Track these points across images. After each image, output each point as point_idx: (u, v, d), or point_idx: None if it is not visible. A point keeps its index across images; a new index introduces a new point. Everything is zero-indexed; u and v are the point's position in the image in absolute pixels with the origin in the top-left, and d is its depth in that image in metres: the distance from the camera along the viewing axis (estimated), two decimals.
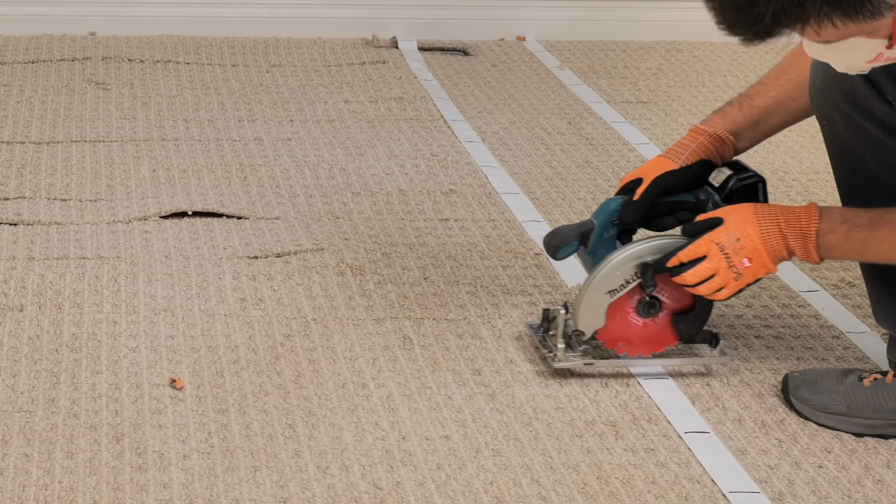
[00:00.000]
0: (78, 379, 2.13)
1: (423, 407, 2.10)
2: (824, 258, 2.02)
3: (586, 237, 2.16)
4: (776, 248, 2.02)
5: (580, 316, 2.13)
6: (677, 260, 2.07)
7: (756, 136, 2.20)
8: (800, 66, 2.16)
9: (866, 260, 2.05)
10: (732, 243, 2.03)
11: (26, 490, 1.85)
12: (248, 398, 2.10)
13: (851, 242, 1.98)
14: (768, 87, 2.18)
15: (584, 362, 2.16)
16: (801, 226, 2.00)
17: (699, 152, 2.15)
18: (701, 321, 2.16)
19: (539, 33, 4.17)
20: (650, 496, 1.91)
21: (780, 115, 2.18)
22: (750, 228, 2.03)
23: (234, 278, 2.48)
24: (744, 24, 1.64)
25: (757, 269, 2.04)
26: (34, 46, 3.80)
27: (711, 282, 2.05)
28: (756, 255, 2.02)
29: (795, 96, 2.16)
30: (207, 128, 3.25)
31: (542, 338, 2.23)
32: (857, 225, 1.98)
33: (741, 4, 1.62)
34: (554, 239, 2.17)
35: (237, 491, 1.87)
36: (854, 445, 2.05)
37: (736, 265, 2.03)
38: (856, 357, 2.31)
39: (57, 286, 2.42)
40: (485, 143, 3.24)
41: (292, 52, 3.88)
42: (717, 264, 2.04)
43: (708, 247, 2.05)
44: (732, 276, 2.04)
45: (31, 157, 3.02)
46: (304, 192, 2.89)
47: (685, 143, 2.16)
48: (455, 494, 1.89)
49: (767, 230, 2.02)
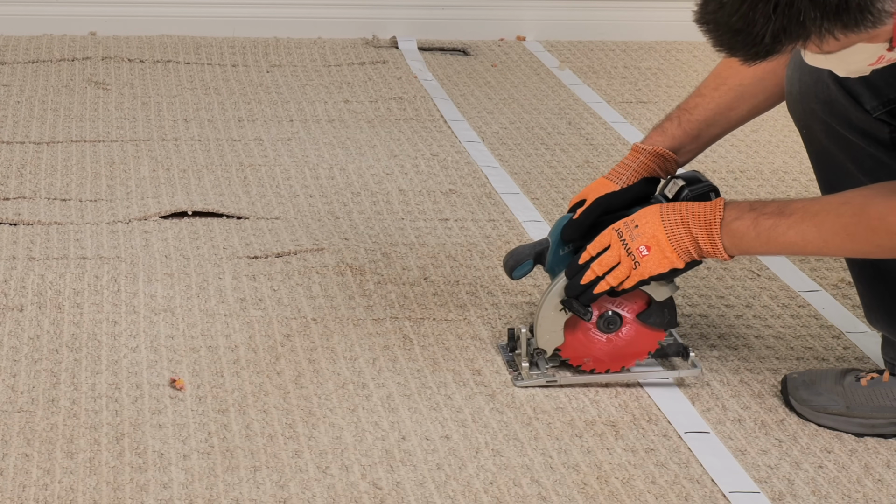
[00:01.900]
0: (78, 379, 2.13)
1: (423, 407, 2.10)
2: (731, 253, 1.98)
3: (542, 256, 2.17)
4: (678, 238, 2.00)
5: (538, 334, 2.14)
6: (587, 254, 2.07)
7: (697, 149, 2.20)
8: (739, 73, 2.15)
9: (774, 250, 1.99)
10: (630, 230, 2.03)
11: (26, 490, 1.85)
12: (248, 398, 2.10)
13: (759, 230, 1.95)
14: (707, 98, 2.17)
15: (546, 380, 2.15)
16: (705, 215, 1.99)
17: (640, 171, 2.16)
18: (669, 307, 2.14)
19: (539, 33, 4.17)
20: (650, 496, 1.91)
21: (720, 126, 2.18)
22: (651, 217, 2.02)
23: (234, 278, 2.48)
24: (743, 46, 1.62)
25: (658, 259, 2.02)
26: (34, 46, 3.80)
27: (616, 270, 2.05)
28: (654, 242, 2.01)
29: (735, 105, 2.16)
30: (207, 128, 3.26)
31: (510, 357, 2.23)
32: (765, 213, 1.95)
33: (738, 27, 1.59)
34: (511, 259, 2.18)
35: (237, 491, 1.87)
36: (854, 445, 2.05)
37: (633, 252, 2.02)
38: (856, 357, 2.31)
39: (57, 286, 2.42)
40: (485, 143, 3.24)
41: (292, 52, 3.88)
42: (618, 251, 2.04)
43: (610, 235, 2.06)
44: (631, 263, 2.03)
45: (31, 157, 3.02)
46: (304, 192, 2.89)
47: (626, 163, 2.17)
48: (455, 494, 1.89)
49: (670, 219, 2.01)
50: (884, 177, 1.97)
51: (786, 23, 1.57)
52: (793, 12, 1.55)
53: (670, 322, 2.15)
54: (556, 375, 2.16)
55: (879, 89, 1.97)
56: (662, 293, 2.11)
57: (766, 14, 1.56)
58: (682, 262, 2.02)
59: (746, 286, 2.54)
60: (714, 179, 3.06)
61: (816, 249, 1.97)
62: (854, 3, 1.55)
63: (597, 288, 2.06)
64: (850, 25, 1.57)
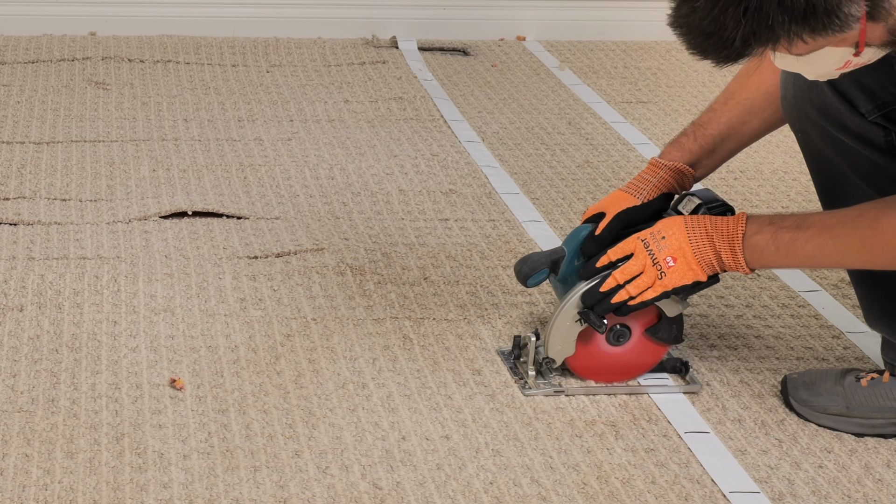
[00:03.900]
0: (78, 379, 2.13)
1: (423, 407, 2.10)
2: (752, 266, 2.01)
3: (556, 265, 2.16)
4: (703, 251, 2.01)
5: (550, 344, 2.13)
6: (607, 259, 2.08)
7: (713, 164, 2.21)
8: (746, 88, 2.17)
9: (793, 263, 2.02)
10: (657, 241, 2.04)
11: (26, 490, 1.85)
12: (248, 398, 2.10)
13: (778, 243, 1.98)
14: (718, 113, 2.19)
15: (554, 390, 2.15)
16: (728, 229, 2.01)
17: (660, 187, 2.16)
18: (677, 322, 2.14)
19: (539, 33, 4.18)
20: (650, 496, 1.91)
21: (735, 140, 2.20)
22: (676, 229, 2.03)
23: (234, 278, 2.48)
24: (714, 49, 1.66)
25: (683, 271, 2.03)
26: (34, 46, 3.80)
27: (638, 280, 2.05)
28: (681, 254, 2.02)
29: (746, 119, 2.17)
30: (207, 128, 3.26)
31: (513, 364, 2.22)
32: (784, 226, 1.98)
33: (710, 30, 1.63)
34: (525, 266, 2.17)
35: (237, 491, 1.87)
36: (854, 445, 2.05)
37: (660, 262, 2.03)
38: (856, 357, 2.31)
39: (57, 286, 2.42)
40: (485, 143, 3.24)
41: (292, 52, 3.88)
42: (644, 261, 2.04)
43: (634, 243, 2.06)
44: (657, 274, 2.04)
45: (31, 157, 3.02)
46: (304, 192, 2.89)
47: (646, 177, 2.17)
48: (455, 494, 1.89)
49: (694, 232, 2.02)
50: (880, 180, 1.97)
51: (755, 26, 1.60)
52: (762, 16, 1.59)
53: (677, 337, 2.15)
54: (563, 385, 2.16)
55: (874, 92, 1.98)
56: (675, 309, 2.11)
57: (737, 18, 1.59)
58: (705, 276, 2.03)
59: (746, 286, 2.54)
60: (714, 179, 3.06)
61: (834, 262, 2.01)
62: (821, 7, 1.58)
63: (616, 297, 2.06)
64: (818, 29, 1.61)
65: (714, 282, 2.05)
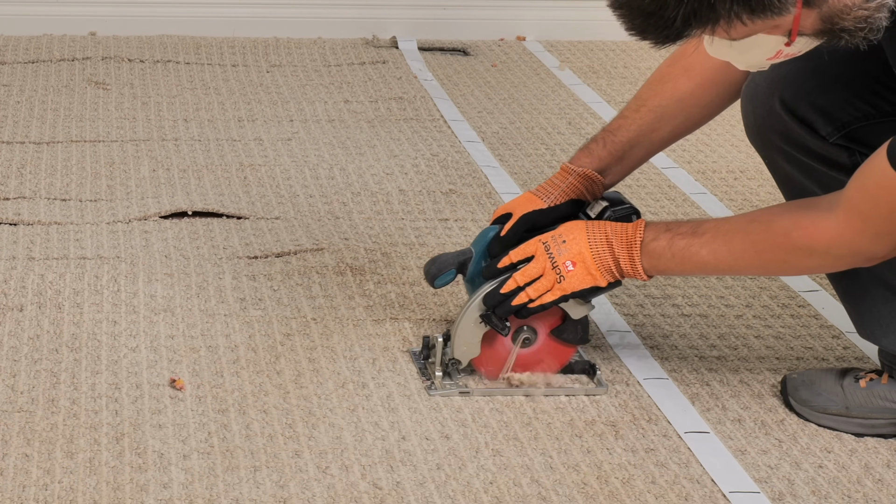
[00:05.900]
0: (78, 379, 2.13)
1: (422, 407, 2.10)
2: (650, 273, 2.02)
3: (464, 265, 2.16)
4: (602, 257, 2.02)
5: (456, 345, 2.13)
6: (508, 260, 2.08)
7: (623, 171, 2.21)
8: (659, 95, 2.18)
9: (689, 269, 2.03)
10: (558, 244, 2.04)
11: (26, 490, 1.85)
12: (248, 398, 2.10)
13: (674, 250, 1.99)
14: (629, 120, 2.19)
15: (459, 391, 2.14)
16: (626, 235, 2.02)
17: (568, 192, 2.16)
18: (583, 324, 2.14)
19: (539, 33, 4.18)
20: (650, 496, 1.91)
21: (644, 147, 2.19)
22: (577, 234, 2.04)
23: (234, 278, 2.48)
24: (654, 29, 1.65)
25: (582, 276, 2.03)
26: (34, 46, 3.80)
27: (538, 283, 2.05)
28: (580, 259, 2.03)
29: (657, 127, 2.18)
30: (207, 128, 3.26)
31: (422, 365, 2.22)
32: (679, 233, 1.99)
33: (650, 10, 1.63)
34: (433, 267, 2.17)
35: (237, 491, 1.87)
36: (854, 445, 2.05)
37: (559, 266, 2.03)
38: (855, 357, 2.31)
39: (57, 286, 2.42)
40: (485, 143, 3.24)
41: (292, 52, 3.88)
42: (543, 264, 2.05)
43: (535, 246, 2.06)
44: (556, 277, 2.04)
45: (31, 157, 3.02)
46: (304, 192, 2.89)
47: (555, 182, 2.17)
48: (455, 494, 1.89)
49: (595, 238, 2.03)
50: None
51: (696, 6, 1.61)
52: None
53: (583, 339, 2.15)
54: (469, 386, 2.15)
55: (831, 114, 2.00)
56: (580, 311, 2.11)
57: None
58: (604, 281, 2.04)
59: (746, 286, 2.54)
60: (714, 180, 3.06)
61: (728, 267, 2.03)
62: None
63: (516, 299, 2.06)
64: (757, 10, 1.62)
65: (615, 286, 2.06)
